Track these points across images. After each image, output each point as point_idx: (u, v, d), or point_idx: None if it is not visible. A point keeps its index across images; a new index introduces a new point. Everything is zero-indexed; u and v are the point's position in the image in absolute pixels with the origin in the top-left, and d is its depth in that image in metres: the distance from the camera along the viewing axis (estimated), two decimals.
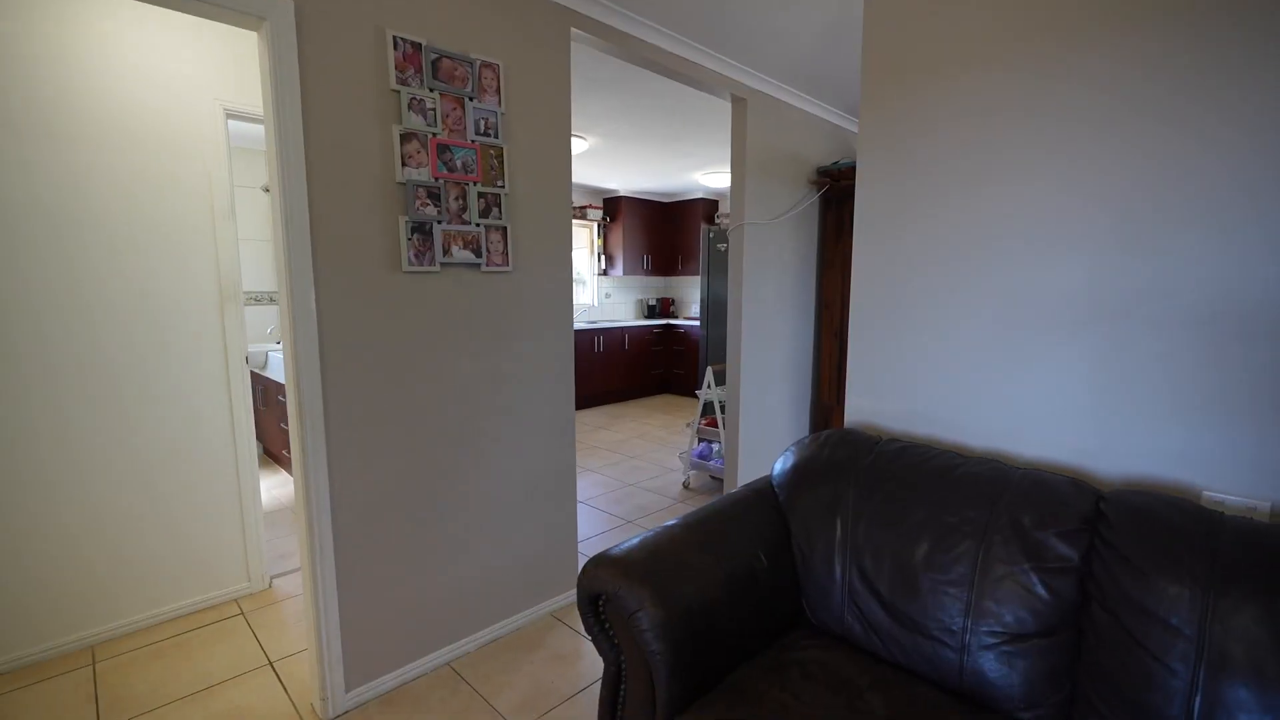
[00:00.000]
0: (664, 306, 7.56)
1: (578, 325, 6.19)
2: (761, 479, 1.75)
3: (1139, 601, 1.08)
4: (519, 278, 2.10)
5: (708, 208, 6.97)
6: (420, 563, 1.93)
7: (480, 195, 1.93)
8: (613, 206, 6.87)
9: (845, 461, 1.58)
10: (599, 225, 6.88)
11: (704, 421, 3.79)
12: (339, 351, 1.70)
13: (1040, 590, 1.19)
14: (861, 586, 1.42)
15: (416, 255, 1.81)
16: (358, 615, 1.80)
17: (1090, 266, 1.42)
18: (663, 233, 7.26)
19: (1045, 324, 1.49)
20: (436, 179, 1.83)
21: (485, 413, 2.05)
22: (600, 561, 1.32)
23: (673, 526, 1.47)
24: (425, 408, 1.89)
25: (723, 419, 3.56)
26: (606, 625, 1.30)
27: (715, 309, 4.67)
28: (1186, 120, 1.27)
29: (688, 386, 6.86)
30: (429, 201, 1.82)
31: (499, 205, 1.99)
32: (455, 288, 1.93)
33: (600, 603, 1.29)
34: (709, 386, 3.63)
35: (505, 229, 2.01)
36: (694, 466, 3.76)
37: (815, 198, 3.52)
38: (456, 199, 1.88)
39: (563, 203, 2.21)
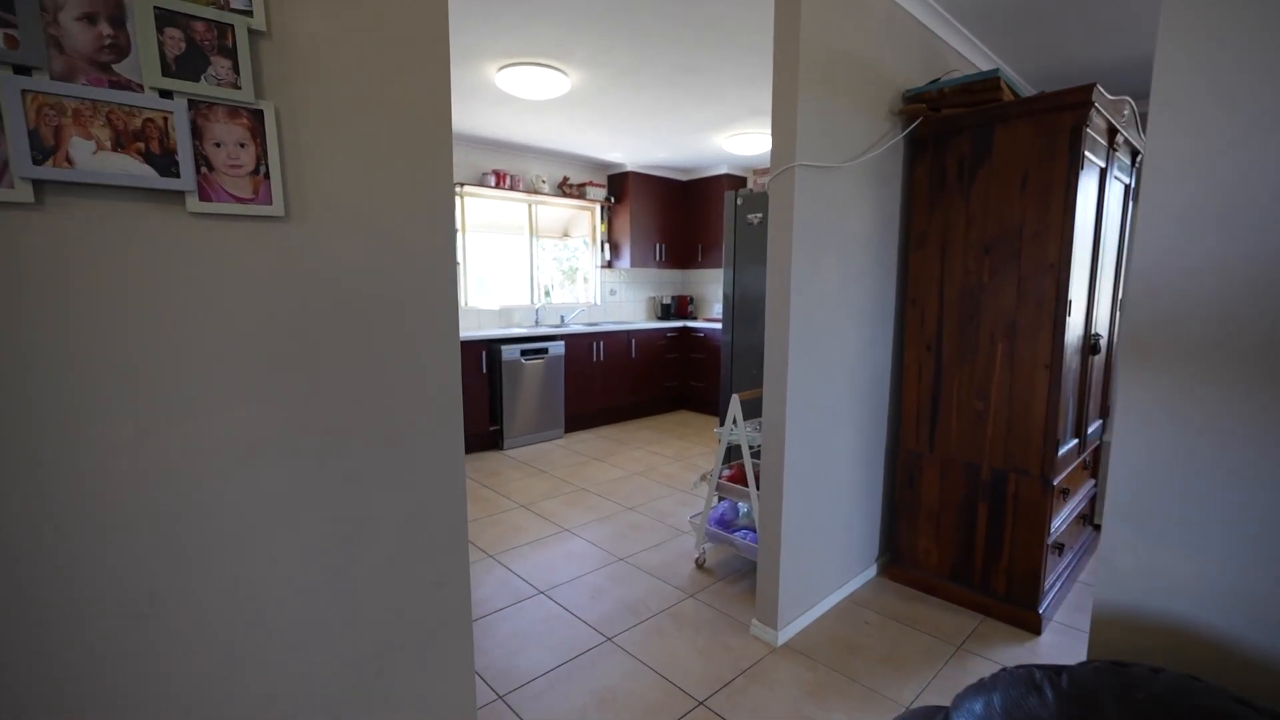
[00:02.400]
0: (680, 306, 6.35)
1: (574, 327, 5.03)
2: None
3: None
4: (307, 232, 0.94)
5: (734, 186, 5.75)
6: None
7: (170, 18, 0.79)
8: (618, 185, 5.70)
9: None
10: (602, 207, 5.71)
11: (726, 474, 2.60)
12: None
13: None
14: None
15: None
16: None
17: None
18: (680, 217, 6.05)
19: None
20: None
21: (225, 536, 0.90)
22: None
23: None
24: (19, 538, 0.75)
25: (754, 470, 2.37)
26: None
27: (745, 308, 3.45)
28: None
29: (709, 402, 5.64)
30: None
31: (233, 54, 0.83)
32: (89, 249, 0.78)
33: None
34: (733, 424, 2.44)
35: (259, 114, 0.86)
36: (711, 538, 2.57)
37: (900, 137, 2.30)
38: (84, 18, 0.74)
39: (434, 74, 1.04)
